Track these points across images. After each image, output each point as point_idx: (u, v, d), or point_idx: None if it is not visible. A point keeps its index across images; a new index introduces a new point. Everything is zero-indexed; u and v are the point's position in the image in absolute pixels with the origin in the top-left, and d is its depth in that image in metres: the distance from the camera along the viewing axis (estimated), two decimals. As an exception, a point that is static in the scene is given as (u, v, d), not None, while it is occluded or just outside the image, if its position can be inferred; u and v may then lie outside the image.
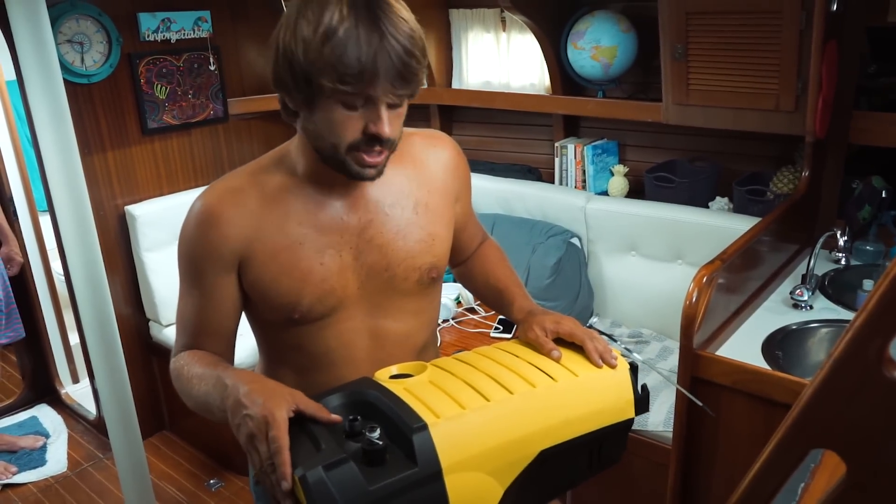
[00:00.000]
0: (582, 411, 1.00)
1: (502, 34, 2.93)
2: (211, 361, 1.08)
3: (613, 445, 1.07)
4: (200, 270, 1.10)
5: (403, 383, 0.96)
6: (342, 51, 0.91)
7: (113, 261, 2.75)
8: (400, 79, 0.95)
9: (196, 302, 1.12)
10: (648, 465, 2.04)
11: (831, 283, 2.03)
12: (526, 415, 0.95)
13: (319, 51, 0.92)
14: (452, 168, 1.22)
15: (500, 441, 0.92)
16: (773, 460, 0.68)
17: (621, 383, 1.05)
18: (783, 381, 1.55)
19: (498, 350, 1.09)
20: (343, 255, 1.10)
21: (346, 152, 1.00)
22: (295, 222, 1.08)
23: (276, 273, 1.08)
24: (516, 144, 3.11)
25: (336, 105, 0.96)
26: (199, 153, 3.02)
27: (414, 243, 1.14)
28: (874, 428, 0.61)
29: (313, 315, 1.11)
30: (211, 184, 1.12)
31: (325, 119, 0.98)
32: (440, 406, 0.91)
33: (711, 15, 2.11)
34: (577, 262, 2.67)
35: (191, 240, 1.09)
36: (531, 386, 0.97)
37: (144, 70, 2.75)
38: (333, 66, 0.92)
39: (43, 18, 1.87)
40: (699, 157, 2.64)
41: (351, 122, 0.98)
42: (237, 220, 1.07)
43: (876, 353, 0.58)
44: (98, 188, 2.70)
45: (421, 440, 0.86)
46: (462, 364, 1.03)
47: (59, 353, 3.34)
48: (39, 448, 2.96)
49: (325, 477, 0.81)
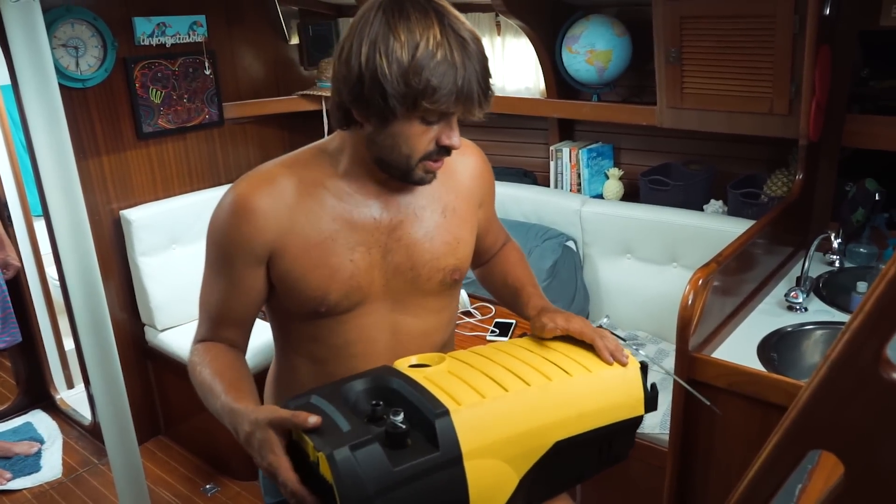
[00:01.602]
0: (595, 406, 1.03)
1: (497, 38, 2.94)
2: (218, 371, 1.09)
3: (622, 442, 1.10)
4: (229, 260, 1.11)
5: (423, 372, 0.99)
6: (442, 76, 0.96)
7: (108, 265, 2.74)
8: (486, 100, 1.03)
9: (222, 290, 1.14)
10: (645, 467, 2.04)
11: (825, 286, 2.04)
12: (542, 406, 0.98)
13: (413, 70, 0.96)
14: (478, 175, 1.28)
15: (517, 430, 0.95)
16: (771, 462, 0.69)
17: (632, 381, 1.08)
18: (779, 383, 1.56)
19: (514, 346, 1.11)
20: (372, 252, 1.13)
21: (416, 163, 1.05)
22: (329, 218, 1.11)
23: (308, 267, 1.10)
24: (511, 148, 3.12)
25: (415, 121, 1.01)
26: (195, 157, 3.02)
27: (440, 245, 1.18)
28: (872, 428, 0.62)
29: (339, 310, 1.13)
30: (246, 173, 1.13)
31: (401, 133, 1.02)
32: (461, 394, 0.93)
33: (705, 19, 2.12)
34: (573, 266, 2.68)
35: (222, 229, 1.10)
36: (547, 379, 1.00)
37: (140, 74, 2.75)
38: (426, 83, 0.96)
39: (38, 23, 1.87)
40: (694, 161, 2.65)
41: (427, 136, 1.03)
42: (272, 213, 1.08)
43: (873, 355, 0.58)
44: (93, 193, 2.69)
45: (443, 425, 0.88)
46: (479, 357, 1.06)
47: (53, 358, 3.32)
48: (34, 454, 2.95)
49: (352, 456, 0.83)
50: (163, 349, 2.81)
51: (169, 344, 2.78)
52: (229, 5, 3.01)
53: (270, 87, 3.21)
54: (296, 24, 3.23)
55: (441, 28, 0.98)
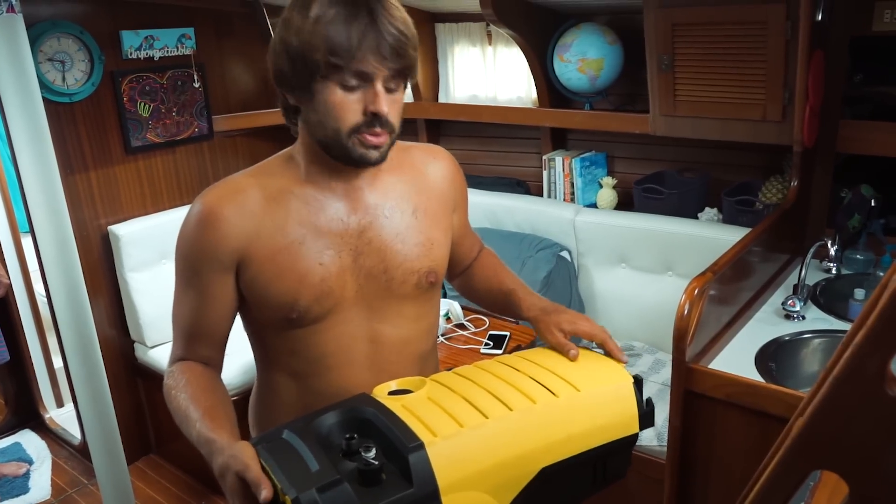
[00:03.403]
0: (584, 427, 0.98)
1: (488, 48, 2.93)
2: (193, 396, 1.07)
3: (618, 461, 1.05)
4: (197, 270, 1.10)
5: (402, 400, 0.95)
6: (332, 26, 0.97)
7: (97, 282, 2.71)
8: (392, 52, 0.99)
9: (191, 303, 1.12)
10: (643, 480, 2.01)
11: (822, 293, 2.02)
12: (525, 432, 0.94)
13: (311, 31, 0.98)
14: (450, 178, 1.25)
15: (498, 459, 0.91)
16: (774, 482, 0.66)
17: (625, 398, 1.03)
18: (777, 394, 1.53)
19: (499, 364, 1.07)
20: (342, 256, 1.11)
21: (348, 136, 1.03)
22: (295, 222, 1.09)
23: (275, 272, 1.08)
24: (504, 158, 3.10)
25: (333, 86, 1.00)
26: (184, 171, 2.99)
27: (412, 247, 1.16)
28: (877, 447, 0.59)
29: (311, 316, 1.11)
30: (212, 185, 1.12)
31: (324, 103, 1.02)
32: (438, 424, 0.90)
33: (697, 26, 2.10)
34: (568, 276, 2.66)
35: (189, 239, 1.10)
36: (531, 402, 0.96)
37: (127, 88, 2.72)
38: (323, 39, 0.97)
39: (21, 37, 1.85)
40: (687, 168, 2.63)
41: (350, 104, 1.01)
42: (237, 221, 1.07)
43: (877, 370, 0.56)
44: (81, 208, 2.66)
45: (417, 459, 0.84)
46: (461, 379, 1.02)
47: (42, 376, 3.28)
48: (23, 475, 2.90)
49: (318, 499, 0.80)
50: (153, 366, 2.77)
51: (159, 361, 2.74)
52: (218, 18, 2.99)
53: (260, 100, 3.19)
54: (286, 36, 3.22)
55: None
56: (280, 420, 1.17)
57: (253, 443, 0.92)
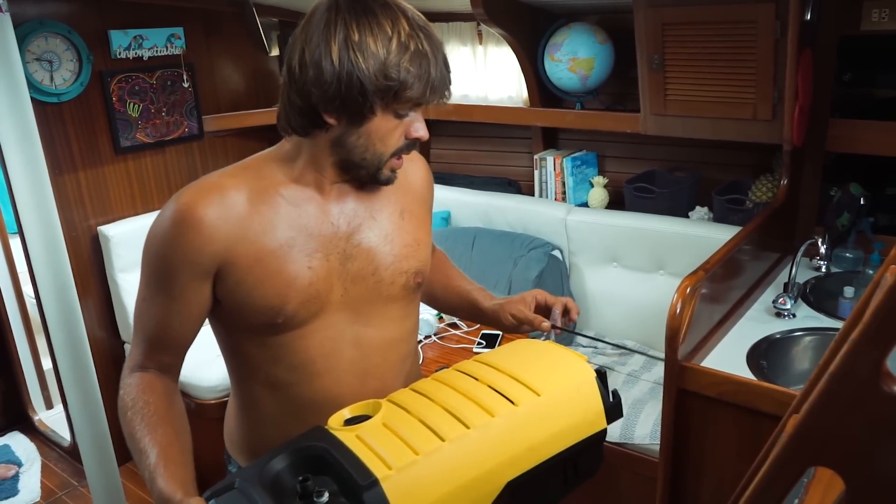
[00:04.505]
0: (548, 432, 0.95)
1: (479, 47, 2.92)
2: (150, 425, 1.02)
3: (589, 459, 1.02)
4: (171, 275, 1.04)
5: (356, 430, 0.91)
6: (419, 67, 0.97)
7: (86, 283, 2.69)
8: (449, 87, 1.04)
9: (161, 308, 1.07)
10: (636, 478, 2.02)
11: (813, 291, 2.03)
12: (485, 449, 0.90)
13: (397, 67, 0.96)
14: (427, 180, 1.28)
15: (458, 483, 0.87)
16: (770, 479, 0.66)
17: (589, 394, 1.00)
18: (769, 392, 1.54)
19: (457, 374, 1.03)
20: (331, 259, 1.09)
21: (387, 160, 1.05)
22: (285, 225, 1.06)
23: (261, 276, 1.04)
24: (495, 157, 3.10)
25: (390, 115, 1.01)
26: (174, 171, 2.97)
27: (400, 248, 1.15)
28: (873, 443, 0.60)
29: (296, 321, 1.07)
30: (188, 185, 1.06)
31: (377, 130, 1.02)
32: (393, 454, 0.86)
33: (687, 25, 2.11)
34: (559, 275, 2.66)
35: (163, 241, 1.03)
36: (489, 415, 0.92)
37: (116, 88, 2.71)
38: (414, 81, 0.97)
39: (9, 36, 1.83)
40: (678, 167, 2.64)
41: (399, 130, 1.04)
42: (220, 223, 1.02)
43: (872, 367, 0.56)
44: (70, 209, 2.64)
45: (372, 497, 0.82)
46: (418, 397, 0.98)
47: (31, 378, 3.25)
48: (11, 477, 2.87)
49: None
50: (143, 367, 2.75)
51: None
52: (207, 17, 2.98)
53: (251, 99, 3.18)
54: (276, 35, 3.20)
55: (407, 21, 0.98)
56: (260, 435, 1.16)
57: (206, 497, 0.88)
